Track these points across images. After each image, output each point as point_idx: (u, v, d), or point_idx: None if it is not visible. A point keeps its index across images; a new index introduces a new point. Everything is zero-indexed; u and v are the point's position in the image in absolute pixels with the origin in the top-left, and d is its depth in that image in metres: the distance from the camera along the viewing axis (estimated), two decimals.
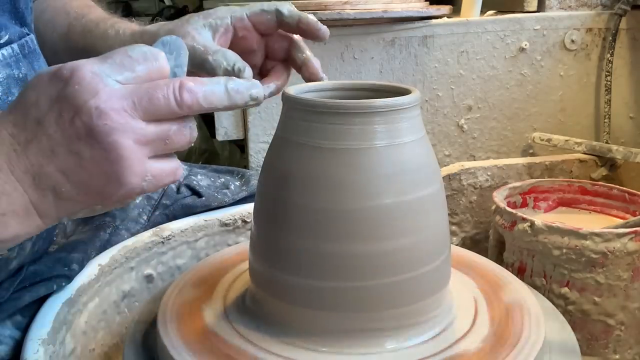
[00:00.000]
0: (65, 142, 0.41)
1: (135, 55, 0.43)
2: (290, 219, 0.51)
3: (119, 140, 0.41)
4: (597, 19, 1.17)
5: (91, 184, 0.42)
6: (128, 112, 0.41)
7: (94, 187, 0.43)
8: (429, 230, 0.52)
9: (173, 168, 0.45)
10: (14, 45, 0.56)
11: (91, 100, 0.41)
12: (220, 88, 0.45)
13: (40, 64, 0.60)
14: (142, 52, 0.44)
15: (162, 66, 0.44)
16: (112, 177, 0.42)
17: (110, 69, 0.42)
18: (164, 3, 3.06)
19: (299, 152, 0.51)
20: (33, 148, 0.42)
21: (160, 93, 0.42)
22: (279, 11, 0.62)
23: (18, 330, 0.58)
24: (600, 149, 1.10)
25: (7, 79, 0.54)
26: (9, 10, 0.56)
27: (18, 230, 0.43)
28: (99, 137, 0.41)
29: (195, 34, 0.60)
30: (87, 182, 0.42)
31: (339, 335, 0.50)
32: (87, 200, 0.44)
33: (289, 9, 0.62)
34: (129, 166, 0.42)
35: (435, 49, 1.14)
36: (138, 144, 0.42)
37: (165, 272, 0.77)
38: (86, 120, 0.41)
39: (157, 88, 0.42)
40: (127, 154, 0.41)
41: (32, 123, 0.42)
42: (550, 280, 0.84)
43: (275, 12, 0.62)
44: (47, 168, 0.42)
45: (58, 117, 0.41)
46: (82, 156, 0.41)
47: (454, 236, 1.11)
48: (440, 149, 1.19)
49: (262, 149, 1.11)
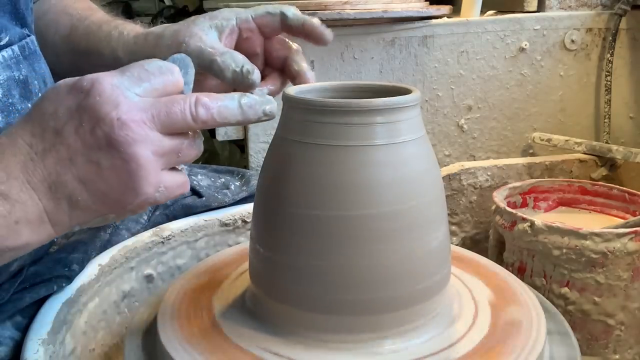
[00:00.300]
0: (85, 152, 0.42)
1: (152, 69, 0.45)
2: (290, 219, 0.51)
3: (138, 151, 0.42)
4: (597, 19, 1.17)
5: (108, 193, 0.44)
6: (147, 125, 0.43)
7: (110, 196, 0.44)
8: (428, 230, 0.52)
9: (183, 180, 0.47)
10: (15, 47, 0.55)
11: (113, 111, 0.42)
12: (234, 104, 0.46)
13: (40, 66, 0.60)
14: (157, 66, 0.46)
15: (177, 79, 0.46)
16: (129, 186, 0.43)
17: (129, 82, 0.44)
18: (164, 3, 3.06)
19: (299, 151, 0.51)
20: (51, 157, 0.43)
21: (177, 107, 0.44)
22: (284, 14, 0.61)
23: (18, 331, 0.58)
24: (600, 149, 1.10)
25: (8, 81, 0.54)
26: (9, 12, 0.56)
27: (30, 238, 0.43)
28: (120, 147, 0.42)
29: (202, 35, 0.60)
30: (105, 191, 0.43)
31: (338, 336, 0.50)
32: (102, 210, 0.45)
33: (293, 12, 0.62)
34: (145, 176, 0.43)
35: (435, 49, 1.14)
36: (155, 155, 0.44)
37: (165, 272, 0.77)
38: (107, 130, 0.42)
39: (175, 102, 0.44)
40: (145, 165, 0.43)
41: (51, 133, 0.43)
42: (550, 280, 0.84)
43: (280, 14, 0.62)
44: (65, 177, 0.43)
45: (78, 126, 0.42)
46: (102, 165, 0.43)
47: (454, 236, 1.11)
48: (440, 149, 1.19)
49: (262, 149, 1.11)
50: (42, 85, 0.59)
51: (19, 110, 0.54)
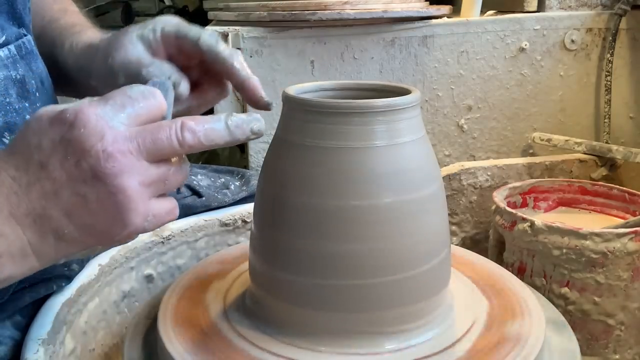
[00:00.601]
0: (71, 185, 0.42)
1: (134, 95, 0.45)
2: (290, 219, 0.51)
3: (125, 182, 0.42)
4: (597, 19, 1.17)
5: (95, 226, 0.43)
6: (134, 154, 0.42)
7: (98, 229, 0.43)
8: (428, 231, 0.52)
9: (171, 207, 0.46)
10: (11, 47, 0.55)
11: (98, 143, 0.41)
12: (221, 125, 0.45)
13: (38, 65, 0.60)
14: (140, 91, 0.45)
15: (161, 103, 0.46)
16: (117, 218, 0.42)
17: (112, 111, 0.43)
18: (164, 3, 3.06)
19: (298, 152, 0.51)
20: (35, 191, 0.42)
21: (163, 134, 0.43)
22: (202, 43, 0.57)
23: (18, 331, 0.58)
24: (600, 149, 1.10)
25: (5, 80, 0.54)
26: (6, 11, 0.56)
27: (12, 271, 0.43)
28: (107, 180, 0.41)
29: (129, 46, 0.57)
30: (92, 224, 0.43)
31: (339, 336, 0.50)
32: (89, 241, 0.44)
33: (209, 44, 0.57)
34: (134, 208, 0.42)
35: (435, 49, 1.14)
36: (142, 185, 0.43)
37: (165, 272, 0.77)
38: (93, 163, 0.41)
39: (160, 129, 0.43)
40: (132, 196, 0.42)
41: (35, 166, 0.42)
42: (550, 280, 0.84)
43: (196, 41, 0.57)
44: (50, 211, 0.42)
45: (63, 159, 0.42)
46: (88, 198, 0.42)
47: (454, 236, 1.11)
48: (440, 149, 1.19)
49: (262, 149, 1.11)
50: (39, 85, 0.58)
51: (17, 110, 0.54)
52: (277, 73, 1.11)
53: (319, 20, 1.05)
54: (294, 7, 1.07)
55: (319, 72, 1.12)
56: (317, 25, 1.08)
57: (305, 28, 1.09)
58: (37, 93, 0.58)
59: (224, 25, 1.11)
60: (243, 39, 1.09)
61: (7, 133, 0.53)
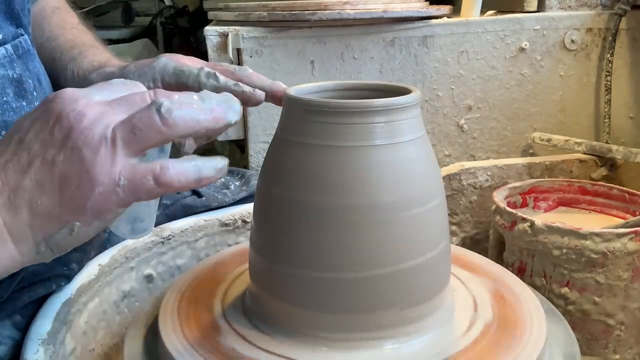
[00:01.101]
0: (42, 152, 0.41)
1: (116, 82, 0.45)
2: (290, 219, 0.51)
3: (91, 135, 0.40)
4: (597, 19, 1.17)
5: (64, 190, 0.41)
6: (105, 112, 0.41)
7: (67, 194, 0.41)
8: (428, 230, 0.52)
9: (150, 170, 0.41)
10: (8, 46, 0.56)
11: (71, 106, 0.41)
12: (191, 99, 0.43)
13: (35, 65, 0.60)
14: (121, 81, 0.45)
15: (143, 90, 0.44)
16: (83, 177, 0.40)
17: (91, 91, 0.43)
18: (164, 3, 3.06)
19: (298, 151, 0.51)
20: (11, 166, 0.41)
21: (138, 97, 0.42)
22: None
23: (17, 331, 0.58)
24: (600, 149, 1.10)
25: (2, 79, 0.54)
26: (3, 11, 0.56)
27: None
28: (74, 135, 0.40)
29: None
30: (60, 188, 0.41)
31: (339, 336, 0.50)
32: (63, 214, 0.41)
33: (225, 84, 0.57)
34: (100, 162, 0.40)
35: (435, 49, 1.14)
36: (111, 140, 0.40)
37: (165, 272, 0.77)
38: (65, 124, 0.40)
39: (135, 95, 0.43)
40: (99, 149, 0.40)
41: (14, 144, 0.42)
42: (550, 280, 0.84)
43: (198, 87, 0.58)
44: (23, 181, 0.41)
45: (39, 130, 0.41)
46: (56, 161, 0.40)
47: (454, 236, 1.11)
48: (440, 149, 1.19)
49: (262, 149, 1.12)
50: (36, 84, 0.59)
51: (14, 109, 0.55)
52: (277, 73, 1.11)
53: (319, 20, 1.05)
54: (294, 7, 1.07)
55: (319, 72, 1.12)
56: (317, 25, 1.08)
57: (305, 28, 1.09)
58: (35, 92, 0.58)
59: (224, 25, 1.11)
60: (243, 39, 1.09)
61: (5, 132, 0.54)
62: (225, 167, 0.43)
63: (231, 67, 0.60)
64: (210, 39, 1.10)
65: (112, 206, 0.41)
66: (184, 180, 0.41)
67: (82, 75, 0.65)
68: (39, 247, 0.42)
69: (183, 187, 0.42)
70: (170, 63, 0.59)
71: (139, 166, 0.41)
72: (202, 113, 0.41)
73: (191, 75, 0.57)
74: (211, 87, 0.57)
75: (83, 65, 0.66)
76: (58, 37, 0.71)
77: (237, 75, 0.58)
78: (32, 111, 0.43)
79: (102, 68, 0.64)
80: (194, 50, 2.74)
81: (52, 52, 0.70)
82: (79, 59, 0.67)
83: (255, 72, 0.60)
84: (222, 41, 1.09)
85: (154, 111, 0.40)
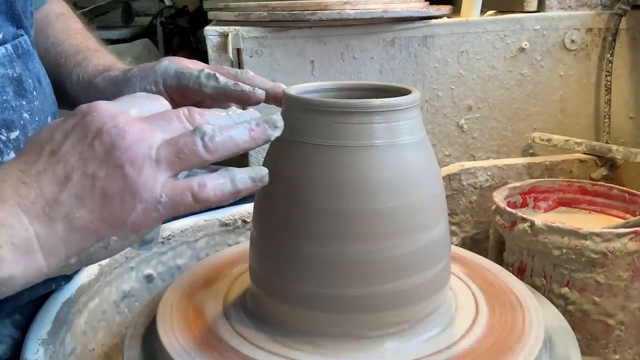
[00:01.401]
0: (81, 165, 0.41)
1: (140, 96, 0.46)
2: (289, 219, 0.51)
3: (134, 153, 0.41)
4: (597, 19, 1.17)
5: (105, 205, 0.41)
6: (145, 131, 0.42)
7: (108, 209, 0.41)
8: (429, 231, 0.52)
9: (188, 187, 0.42)
10: (8, 46, 0.56)
11: (111, 121, 0.42)
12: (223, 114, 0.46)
13: (34, 65, 0.60)
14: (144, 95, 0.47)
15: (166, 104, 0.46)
16: (125, 193, 0.41)
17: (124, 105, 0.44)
18: (164, 3, 3.06)
19: (298, 151, 0.51)
20: (46, 178, 0.41)
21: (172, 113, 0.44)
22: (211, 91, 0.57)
23: (17, 330, 0.58)
24: (600, 149, 1.10)
25: (2, 78, 0.55)
26: (4, 12, 0.57)
27: (14, 269, 0.39)
28: (117, 152, 0.41)
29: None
30: (101, 203, 0.41)
31: (339, 336, 0.50)
32: (101, 228, 0.41)
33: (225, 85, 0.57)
34: (143, 181, 0.41)
35: (435, 49, 1.14)
36: (153, 159, 0.41)
37: (165, 272, 0.77)
38: (107, 139, 0.41)
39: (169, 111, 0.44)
40: (142, 167, 0.41)
41: (46, 156, 0.42)
42: (550, 280, 0.84)
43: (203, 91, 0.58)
44: (60, 194, 0.41)
45: (76, 143, 0.42)
46: (97, 176, 0.41)
47: (454, 236, 1.11)
48: (440, 149, 1.19)
49: (262, 149, 1.11)
50: (36, 84, 0.59)
51: (13, 107, 0.55)
52: (277, 73, 1.11)
53: (319, 20, 1.05)
54: (294, 7, 1.07)
55: (319, 72, 1.12)
56: (317, 25, 1.08)
57: (305, 28, 1.09)
58: (34, 92, 0.58)
59: (224, 25, 1.11)
60: (243, 39, 1.09)
61: (4, 130, 0.54)
62: (265, 175, 0.45)
63: (232, 70, 0.60)
64: (210, 39, 1.10)
65: (151, 222, 0.42)
66: (220, 195, 0.43)
67: (87, 79, 0.66)
68: (68, 260, 0.42)
69: (220, 201, 0.43)
70: (172, 66, 0.60)
71: (178, 183, 0.42)
72: (240, 135, 0.44)
73: (192, 77, 0.57)
74: (211, 88, 0.57)
75: (88, 70, 0.67)
76: (63, 43, 0.71)
77: (238, 77, 0.59)
78: (60, 122, 0.43)
79: (107, 72, 0.65)
80: (194, 50, 2.74)
81: (57, 57, 0.70)
82: (84, 64, 0.68)
83: (256, 75, 0.60)
84: (222, 41, 1.09)
85: (198, 139, 0.42)
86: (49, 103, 0.61)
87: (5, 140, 0.54)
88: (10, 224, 0.39)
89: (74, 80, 0.67)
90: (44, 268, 0.41)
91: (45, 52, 0.71)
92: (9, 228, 0.39)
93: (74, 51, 0.70)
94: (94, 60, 0.68)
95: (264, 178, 0.45)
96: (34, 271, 0.40)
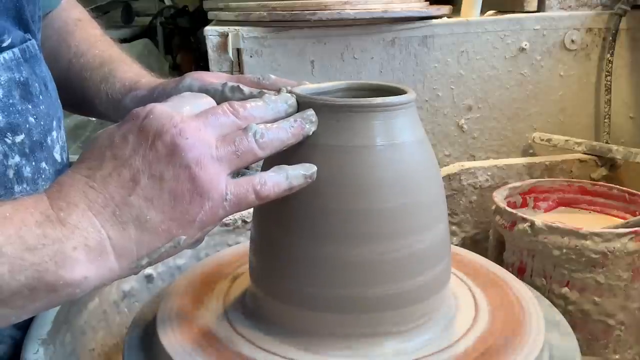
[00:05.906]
0: (147, 167, 0.42)
1: (187, 96, 0.49)
2: (289, 218, 0.51)
3: (199, 154, 0.42)
4: (597, 19, 1.17)
5: (175, 206, 0.42)
6: (202, 130, 0.44)
7: (178, 209, 0.42)
8: (429, 231, 0.52)
9: (251, 185, 0.45)
10: (15, 50, 0.56)
11: (169, 122, 0.43)
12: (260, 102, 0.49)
13: (41, 69, 0.60)
14: (191, 94, 0.49)
15: (211, 100, 0.49)
16: (194, 192, 0.42)
17: (175, 104, 0.46)
18: (164, 3, 3.06)
19: (298, 151, 0.51)
20: (113, 182, 0.42)
21: (219, 109, 0.46)
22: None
23: (17, 329, 0.58)
24: (600, 149, 1.10)
25: (9, 82, 0.54)
26: (13, 16, 0.57)
27: (88, 271, 0.40)
28: (182, 153, 0.42)
29: None
30: (171, 203, 0.42)
31: (339, 336, 0.50)
32: (172, 228, 0.42)
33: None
34: (210, 180, 0.42)
35: (435, 49, 1.14)
36: (216, 158, 0.43)
37: (165, 272, 0.77)
38: (168, 139, 0.42)
39: (216, 108, 0.47)
40: (207, 167, 0.43)
41: (109, 160, 0.42)
42: (550, 280, 0.84)
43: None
44: (130, 198, 0.41)
45: (137, 146, 0.42)
46: (164, 177, 0.42)
47: (454, 236, 1.11)
48: (440, 149, 1.19)
49: None
50: (42, 88, 0.59)
51: (19, 111, 0.55)
52: (277, 73, 1.10)
53: (319, 20, 1.05)
54: (294, 7, 1.07)
55: (319, 72, 1.12)
56: (317, 25, 1.08)
57: (305, 28, 1.09)
58: (41, 96, 0.58)
59: (224, 25, 1.11)
60: (243, 39, 1.09)
61: (10, 133, 0.54)
62: (314, 172, 0.48)
63: (254, 78, 0.60)
64: (210, 39, 1.10)
65: (217, 220, 0.44)
66: (277, 191, 0.46)
67: (115, 98, 0.67)
68: (140, 261, 0.43)
69: (277, 197, 0.46)
70: (195, 83, 0.60)
71: (240, 181, 0.44)
72: (284, 133, 0.47)
73: (217, 93, 0.57)
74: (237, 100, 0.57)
75: (115, 87, 0.68)
76: (85, 54, 0.72)
77: (261, 84, 0.59)
78: (117, 127, 0.44)
79: (134, 91, 0.66)
80: (194, 51, 2.74)
81: (81, 70, 0.71)
82: (110, 79, 0.68)
83: (278, 78, 0.61)
84: (222, 41, 1.09)
85: (251, 137, 0.45)
86: (54, 107, 0.61)
87: (10, 144, 0.54)
88: (83, 227, 0.40)
89: (103, 98, 0.68)
90: (117, 269, 0.42)
91: (69, 64, 0.71)
92: (83, 231, 0.40)
93: (97, 63, 0.71)
94: (119, 73, 0.69)
95: (314, 175, 0.48)
96: (107, 272, 0.41)
